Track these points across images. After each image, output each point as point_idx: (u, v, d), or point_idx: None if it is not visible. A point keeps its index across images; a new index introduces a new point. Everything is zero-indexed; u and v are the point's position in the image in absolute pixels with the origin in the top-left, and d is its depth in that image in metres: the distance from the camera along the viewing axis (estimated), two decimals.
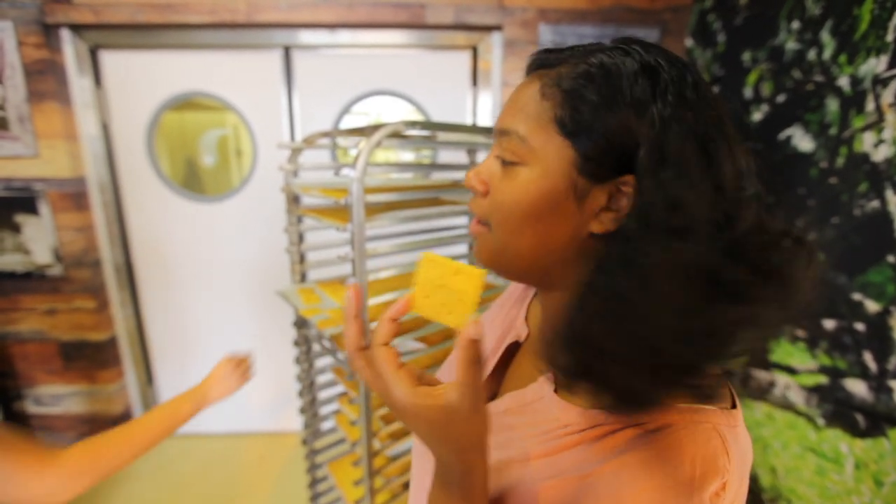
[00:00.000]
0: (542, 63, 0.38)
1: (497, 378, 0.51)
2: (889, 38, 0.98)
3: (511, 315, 0.55)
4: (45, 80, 1.66)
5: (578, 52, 0.37)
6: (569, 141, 0.35)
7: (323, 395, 1.31)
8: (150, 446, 0.77)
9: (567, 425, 0.38)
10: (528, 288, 0.55)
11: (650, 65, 0.34)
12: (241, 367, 0.95)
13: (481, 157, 1.77)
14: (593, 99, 0.34)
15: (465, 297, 0.33)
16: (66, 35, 1.67)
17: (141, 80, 1.80)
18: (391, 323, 0.35)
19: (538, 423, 0.40)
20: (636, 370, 0.31)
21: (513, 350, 0.51)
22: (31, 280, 1.81)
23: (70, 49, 1.69)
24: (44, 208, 1.74)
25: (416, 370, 0.36)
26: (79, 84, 1.72)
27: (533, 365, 0.46)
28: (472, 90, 1.85)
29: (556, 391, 0.41)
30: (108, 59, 1.78)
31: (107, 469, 0.70)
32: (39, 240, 1.77)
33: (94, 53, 1.76)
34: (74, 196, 1.76)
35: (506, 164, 0.39)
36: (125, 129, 1.85)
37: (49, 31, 1.64)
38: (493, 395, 0.49)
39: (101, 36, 1.72)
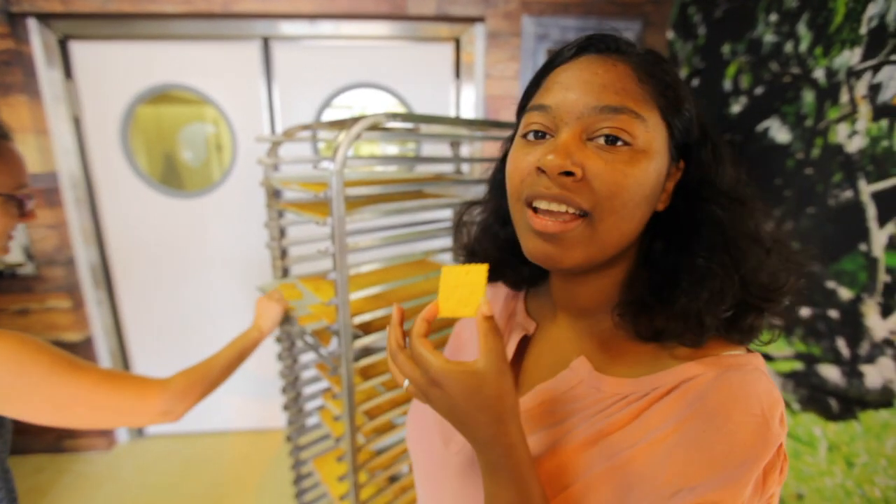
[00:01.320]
0: (610, 48, 0.40)
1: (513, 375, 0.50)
2: (863, 30, 1.00)
3: (507, 313, 0.55)
4: (11, 71, 1.59)
5: (633, 44, 0.41)
6: (667, 123, 0.38)
7: (307, 391, 1.30)
8: (234, 370, 0.99)
9: (626, 396, 0.39)
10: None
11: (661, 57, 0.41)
12: (275, 296, 1.05)
13: (465, 150, 1.76)
14: (675, 88, 0.39)
15: (475, 288, 0.37)
16: (32, 25, 1.61)
17: (113, 71, 1.74)
18: (425, 322, 0.38)
19: (586, 406, 0.41)
20: (745, 311, 0.38)
21: (521, 346, 0.51)
22: (2, 279, 1.75)
23: (37, 39, 1.62)
24: None
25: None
26: (48, 76, 1.66)
27: (556, 354, 0.47)
28: (455, 82, 1.84)
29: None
30: (79, 49, 1.72)
31: (204, 389, 0.91)
32: None
33: (63, 44, 1.70)
34: (45, 192, 1.70)
35: (610, 143, 0.36)
36: (98, 122, 1.79)
37: (14, 21, 1.57)
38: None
39: (71, 26, 1.65)
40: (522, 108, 0.43)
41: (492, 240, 0.52)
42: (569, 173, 0.36)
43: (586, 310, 0.45)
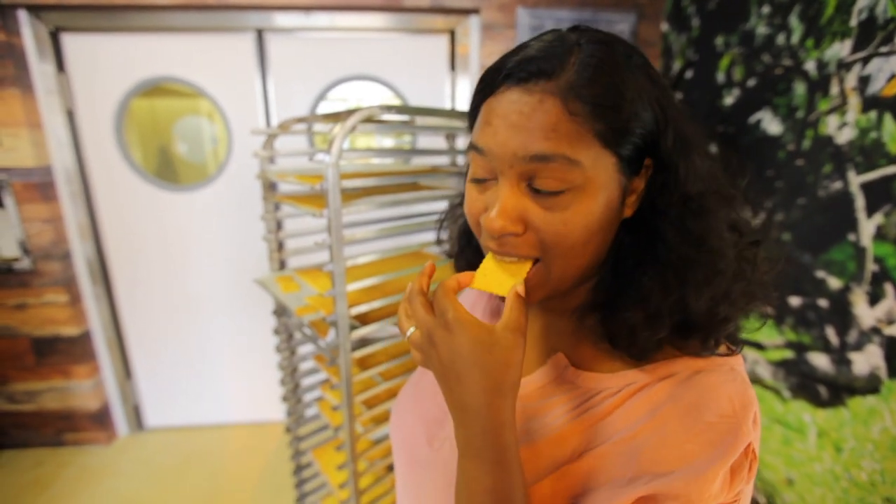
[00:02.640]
0: (533, 74, 0.34)
1: None
2: (853, 23, 1.01)
3: (489, 311, 0.55)
4: (3, 65, 1.58)
5: (561, 54, 0.34)
6: (611, 150, 0.35)
7: (305, 382, 1.31)
8: None
9: (600, 391, 0.40)
10: None
11: (630, 52, 0.36)
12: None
13: (461, 142, 1.77)
14: (618, 103, 0.34)
15: (515, 274, 0.39)
16: (23, 17, 1.59)
17: (107, 64, 1.73)
18: (457, 282, 0.39)
19: (562, 401, 0.41)
20: (712, 316, 0.37)
21: None
22: None
23: (29, 32, 1.61)
24: (8, 199, 1.68)
25: None
26: (40, 69, 1.65)
27: (535, 350, 0.47)
28: (450, 74, 1.84)
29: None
30: (71, 42, 1.71)
31: None
32: (5, 232, 1.71)
33: (55, 36, 1.68)
34: (40, 186, 1.69)
35: (545, 193, 0.35)
36: (92, 115, 1.78)
37: (5, 13, 1.56)
38: None
39: (63, 18, 1.64)
40: (471, 121, 0.41)
41: (468, 242, 0.51)
42: (511, 234, 0.36)
43: (564, 311, 0.45)
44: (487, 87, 0.37)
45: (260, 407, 2.19)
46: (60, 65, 1.71)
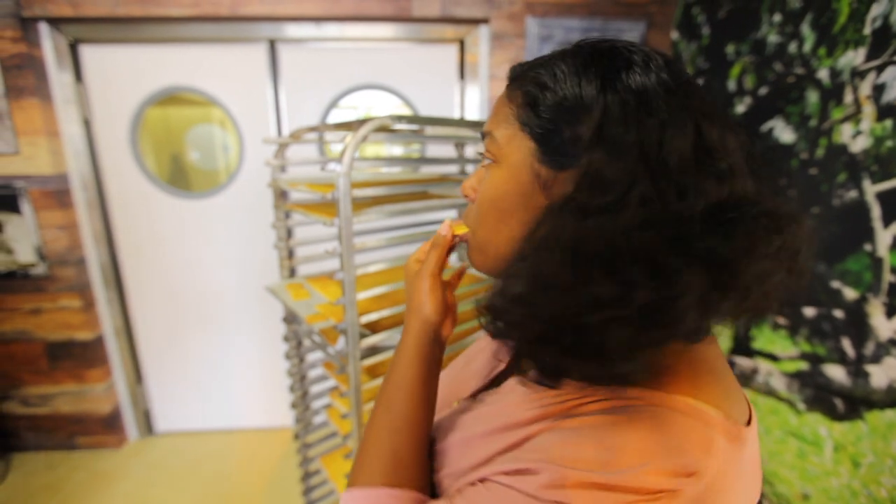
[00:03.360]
0: (515, 75, 0.42)
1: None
2: (867, 31, 1.00)
3: None
4: (23, 75, 1.62)
5: (541, 60, 0.40)
6: (528, 135, 0.38)
7: (314, 389, 1.31)
8: None
9: (551, 401, 0.37)
10: None
11: (602, 56, 0.36)
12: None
13: (470, 150, 1.78)
14: (547, 95, 0.37)
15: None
16: (44, 29, 1.64)
17: (123, 74, 1.77)
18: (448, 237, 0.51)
19: (501, 413, 0.41)
20: (536, 340, 0.33)
21: None
22: (15, 279, 1.78)
23: (49, 43, 1.65)
24: (26, 206, 1.71)
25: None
26: (59, 79, 1.69)
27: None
28: (459, 84, 1.85)
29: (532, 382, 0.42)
30: (89, 53, 1.75)
31: None
32: (22, 238, 1.74)
33: (73, 48, 1.72)
34: (57, 193, 1.73)
35: (486, 167, 0.42)
36: (108, 124, 1.82)
37: (26, 25, 1.60)
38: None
39: (81, 29, 1.68)
40: None
41: None
42: (466, 197, 0.46)
43: None
44: None
45: (269, 413, 2.19)
46: (78, 75, 1.75)
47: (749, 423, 0.35)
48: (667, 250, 0.29)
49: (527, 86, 0.39)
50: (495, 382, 0.50)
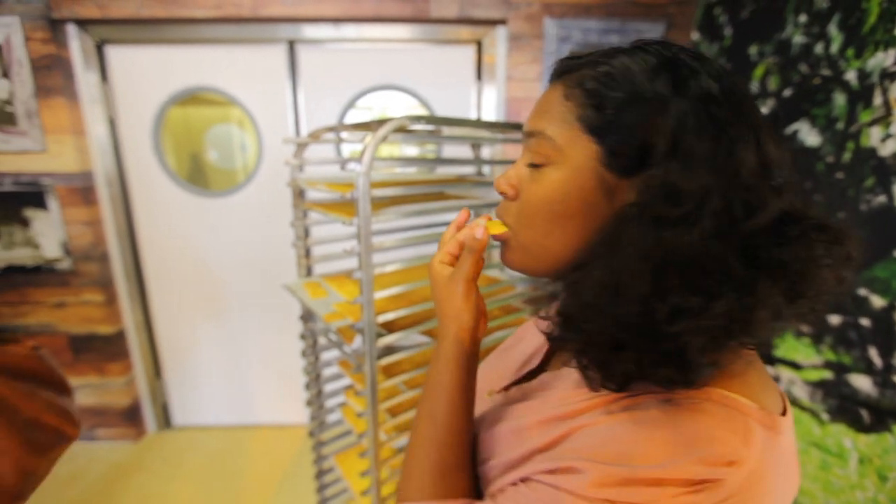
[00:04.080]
0: (565, 69, 0.40)
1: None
2: None
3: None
4: (52, 75, 1.67)
5: (598, 55, 0.38)
6: (593, 137, 0.36)
7: (329, 387, 1.32)
8: None
9: (591, 397, 0.38)
10: None
11: (669, 60, 0.35)
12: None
13: (486, 152, 1.77)
14: (615, 96, 0.35)
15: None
16: (72, 30, 1.68)
17: (147, 74, 1.81)
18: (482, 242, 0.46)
19: (550, 403, 0.42)
20: (610, 347, 0.34)
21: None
22: (41, 274, 1.83)
23: (76, 44, 1.69)
24: (52, 203, 1.76)
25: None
26: (85, 79, 1.73)
27: (562, 356, 0.49)
28: (476, 84, 1.85)
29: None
30: (114, 53, 1.79)
31: None
32: (48, 234, 1.79)
33: (100, 48, 1.77)
34: (82, 190, 1.77)
35: (533, 166, 0.40)
36: (131, 123, 1.86)
37: (55, 27, 1.65)
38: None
39: (107, 31, 1.72)
40: None
41: None
42: (503, 194, 0.43)
43: None
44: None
45: (284, 410, 2.22)
46: (104, 75, 1.79)
47: (784, 413, 0.35)
48: (742, 262, 0.31)
49: (588, 83, 0.36)
50: (527, 377, 0.50)
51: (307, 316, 1.25)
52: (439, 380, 0.46)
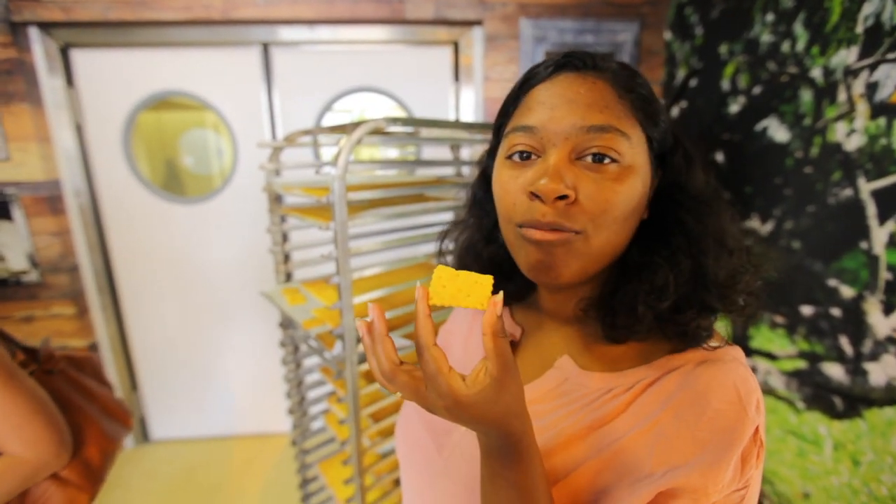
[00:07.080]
0: (587, 65, 0.40)
1: None
2: (859, 29, 1.01)
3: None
4: (13, 80, 1.60)
5: (602, 57, 0.41)
6: (647, 136, 0.40)
7: (311, 395, 1.30)
8: None
9: (611, 390, 0.40)
10: None
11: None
12: None
13: (465, 152, 1.77)
14: (656, 102, 0.41)
15: (482, 282, 0.32)
16: (34, 33, 1.62)
17: (115, 79, 1.76)
18: (429, 319, 0.31)
19: (572, 401, 0.42)
20: (707, 308, 0.39)
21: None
22: (7, 287, 1.75)
23: (39, 48, 1.63)
24: (17, 213, 1.69)
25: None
26: (50, 84, 1.67)
27: (542, 357, 0.47)
28: (454, 85, 1.85)
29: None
30: (80, 57, 1.73)
31: None
32: (14, 245, 1.72)
33: (64, 52, 1.71)
34: (49, 200, 1.71)
35: (598, 162, 0.37)
36: (100, 129, 1.80)
37: (16, 30, 1.59)
38: None
39: (72, 34, 1.67)
40: (500, 127, 0.44)
41: (475, 259, 0.52)
42: (564, 196, 0.36)
43: (574, 317, 0.46)
44: (533, 78, 0.42)
45: (265, 419, 2.17)
46: (70, 80, 1.73)
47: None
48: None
49: (641, 90, 0.40)
50: None
51: (287, 323, 1.23)
52: (530, 486, 0.34)
